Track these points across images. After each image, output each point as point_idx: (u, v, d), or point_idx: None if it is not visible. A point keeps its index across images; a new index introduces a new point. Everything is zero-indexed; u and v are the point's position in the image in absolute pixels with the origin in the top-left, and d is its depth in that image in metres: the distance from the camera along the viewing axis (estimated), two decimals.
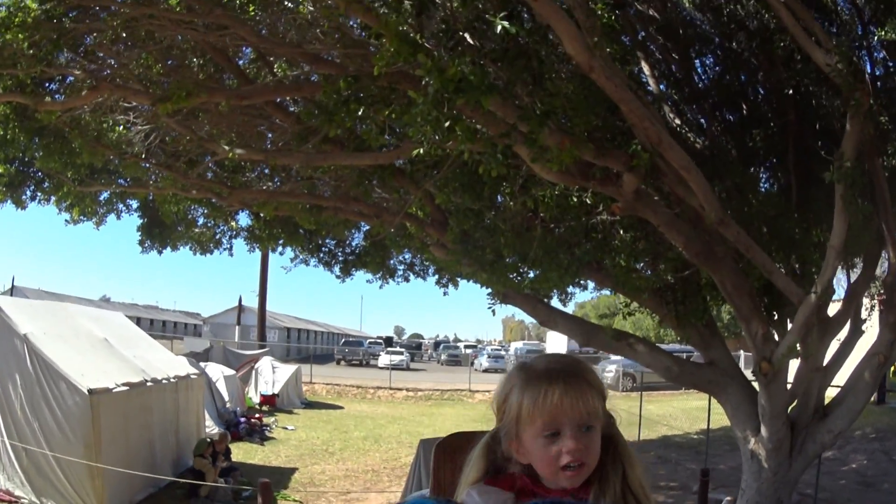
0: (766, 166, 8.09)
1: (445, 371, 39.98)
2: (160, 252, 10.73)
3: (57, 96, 6.59)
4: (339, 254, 12.59)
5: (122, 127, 6.85)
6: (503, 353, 47.86)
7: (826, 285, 5.79)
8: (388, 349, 45.75)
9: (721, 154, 7.23)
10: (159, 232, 10.37)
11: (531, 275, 7.30)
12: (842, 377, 7.33)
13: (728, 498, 9.22)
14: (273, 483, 11.30)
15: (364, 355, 44.49)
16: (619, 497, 1.37)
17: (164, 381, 10.41)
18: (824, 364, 7.16)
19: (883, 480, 10.24)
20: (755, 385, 7.35)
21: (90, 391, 7.88)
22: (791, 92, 7.12)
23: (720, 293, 7.04)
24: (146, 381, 9.73)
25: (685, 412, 20.04)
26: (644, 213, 6.15)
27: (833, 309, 7.05)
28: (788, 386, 7.10)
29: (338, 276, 12.96)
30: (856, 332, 7.38)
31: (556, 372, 1.34)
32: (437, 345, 65.44)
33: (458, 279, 11.48)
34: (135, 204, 10.19)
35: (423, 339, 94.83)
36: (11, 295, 30.98)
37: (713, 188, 5.95)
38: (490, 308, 8.72)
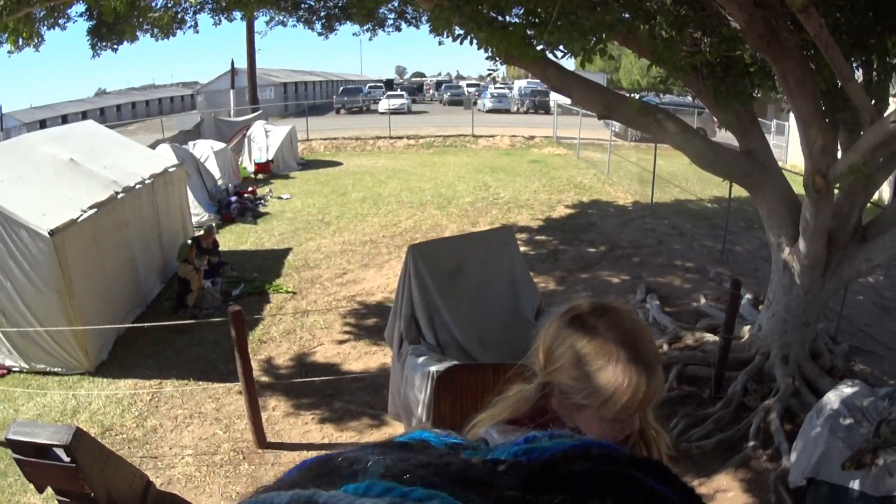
0: None
1: (448, 113, 38.76)
2: (115, 50, 9.67)
3: None
4: (321, 8, 11.78)
5: None
6: (507, 92, 46.34)
7: None
8: (389, 93, 44.16)
9: None
10: (108, 30, 9.20)
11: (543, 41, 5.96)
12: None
13: (749, 296, 8.68)
14: (264, 271, 11.00)
15: (364, 101, 43.52)
16: (638, 438, 1.40)
17: (137, 187, 9.52)
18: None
19: None
20: (793, 185, 6.41)
21: (52, 232, 7.06)
22: None
23: (769, 80, 5.76)
24: (117, 193, 8.84)
25: (698, 173, 18.88)
26: None
27: None
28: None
29: (320, 34, 12.33)
30: None
31: (649, 364, 1.26)
32: (438, 85, 63.14)
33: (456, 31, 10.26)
34: (79, 9, 8.92)
35: (425, 78, 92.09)
36: (1, 124, 29.13)
37: None
38: (490, 73, 7.52)
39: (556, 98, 33.78)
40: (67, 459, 4.11)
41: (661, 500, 0.57)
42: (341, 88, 50.75)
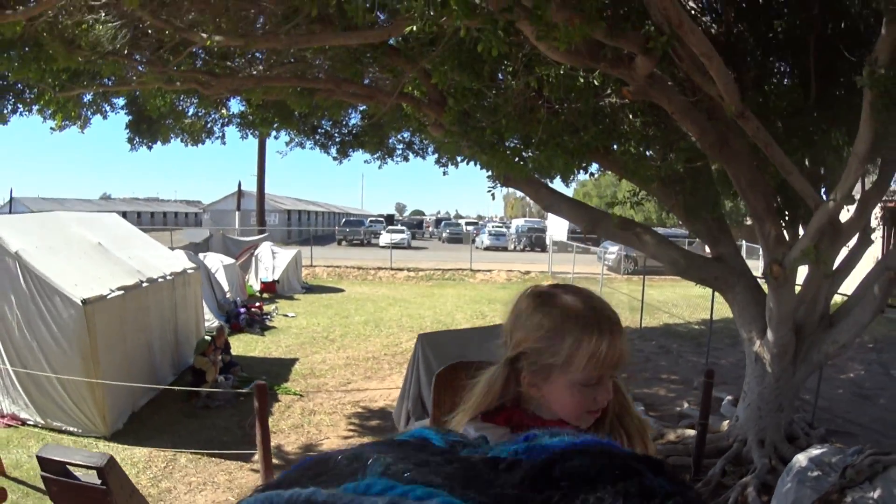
0: (785, 59, 7.43)
1: (447, 249, 40.08)
2: (150, 147, 10.49)
3: (20, 8, 6.03)
4: (336, 135, 12.44)
5: (95, 25, 6.28)
6: (504, 230, 47.97)
7: (846, 193, 5.35)
8: (389, 227, 45.72)
9: (739, 43, 6.59)
10: (147, 127, 10.06)
11: (534, 158, 6.89)
12: (847, 286, 7.06)
13: (729, 397, 9.20)
14: (273, 376, 11.42)
15: (365, 234, 44.59)
16: (617, 426, 1.42)
17: (160, 280, 10.22)
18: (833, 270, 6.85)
19: (879, 395, 10.23)
20: (762, 285, 7.13)
21: (84, 301, 7.70)
22: None
23: (732, 187, 6.62)
24: (141, 281, 9.53)
25: (686, 299, 20.16)
26: (657, 98, 5.69)
27: (843, 217, 6.66)
28: (797, 291, 6.82)
29: (335, 158, 12.96)
30: (865, 241, 7.01)
31: (613, 321, 1.33)
32: (438, 222, 65.35)
33: (459, 159, 11.18)
34: (120, 102, 9.84)
35: (424, 216, 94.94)
36: (10, 207, 30.57)
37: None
38: (490, 191, 8.43)
39: (551, 234, 35.18)
40: (97, 482, 4.48)
41: (660, 493, 0.57)
42: (343, 220, 52.27)
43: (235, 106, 10.77)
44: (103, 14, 6.28)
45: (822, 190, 5.70)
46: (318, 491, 0.50)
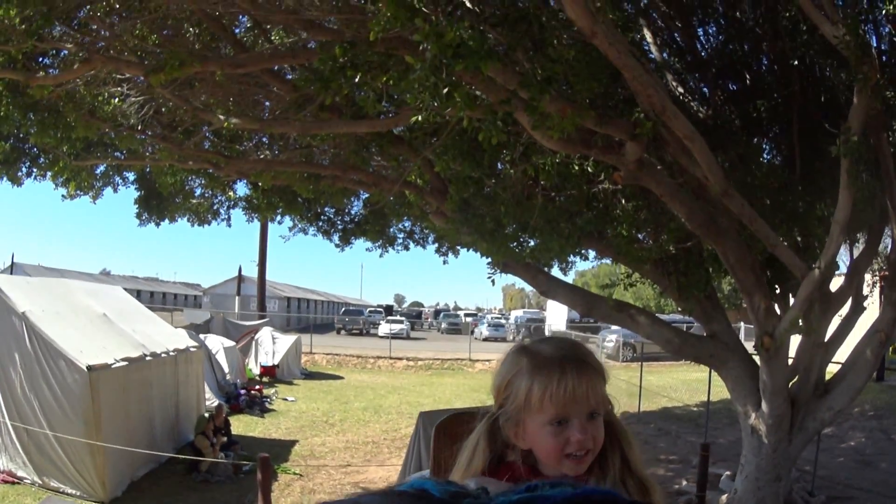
0: (770, 137, 7.96)
1: (446, 340, 40.04)
2: (158, 224, 10.72)
3: (50, 70, 6.49)
4: (339, 222, 12.63)
5: (116, 99, 6.74)
6: (503, 321, 48.04)
7: (830, 261, 5.71)
8: (389, 318, 45.74)
9: (724, 124, 7.11)
10: (157, 204, 10.33)
11: (532, 244, 7.27)
12: (842, 354, 7.28)
13: (727, 472, 9.27)
14: (273, 456, 11.36)
15: (364, 324, 44.47)
16: (619, 479, 1.38)
17: (163, 355, 10.39)
18: (826, 340, 7.12)
19: (881, 459, 10.27)
20: (756, 359, 7.33)
21: (89, 368, 7.86)
22: (796, 63, 6.96)
23: (723, 265, 6.98)
24: (145, 355, 9.71)
25: (685, 384, 20.12)
26: (646, 182, 6.08)
27: (835, 285, 6.99)
28: (790, 361, 7.06)
29: (337, 245, 12.93)
30: (857, 309, 7.33)
31: (568, 359, 1.32)
32: (437, 313, 65.53)
33: (458, 248, 11.47)
34: (131, 176, 10.19)
35: (423, 307, 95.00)
36: (11, 272, 30.85)
37: (717, 158, 5.85)
38: (490, 278, 8.76)
39: (550, 324, 35.32)
40: None
41: None
42: (343, 309, 52.24)
43: (241, 189, 11.06)
44: (125, 88, 6.71)
45: (817, 264, 6.03)
46: None
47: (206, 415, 10.36)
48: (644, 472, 1.42)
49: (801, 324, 5.91)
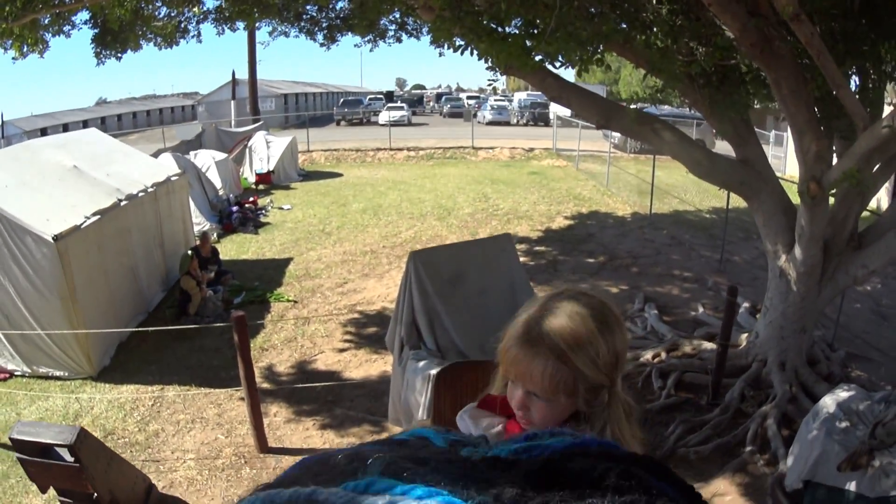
0: None
1: (448, 125, 38.97)
2: (119, 58, 9.71)
3: None
4: (322, 20, 11.76)
5: None
6: (507, 104, 46.52)
7: None
8: (389, 105, 44.37)
9: None
10: (112, 38, 9.25)
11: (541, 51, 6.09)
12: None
13: (746, 304, 8.76)
14: (266, 281, 11.06)
15: (364, 113, 43.72)
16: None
17: (140, 195, 9.61)
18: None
19: None
20: (789, 194, 6.48)
21: (56, 238, 7.13)
22: None
23: (764, 89, 5.84)
24: (120, 200, 8.93)
25: (696, 184, 19.06)
26: None
27: None
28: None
29: (322, 44, 12.27)
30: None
31: (528, 335, 1.29)
32: (439, 97, 63.50)
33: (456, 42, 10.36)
34: (84, 16, 9.01)
35: (425, 90, 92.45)
36: (3, 131, 29.19)
37: None
38: (490, 84, 7.62)
39: (555, 109, 33.94)
40: (71, 459, 4.15)
41: (661, 496, 0.56)
42: (342, 100, 50.89)
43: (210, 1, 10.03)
44: None
45: (886, 122, 4.96)
46: (318, 490, 0.49)
47: (189, 252, 9.71)
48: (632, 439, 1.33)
49: (854, 177, 4.90)
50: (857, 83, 5.99)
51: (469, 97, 59.08)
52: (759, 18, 4.81)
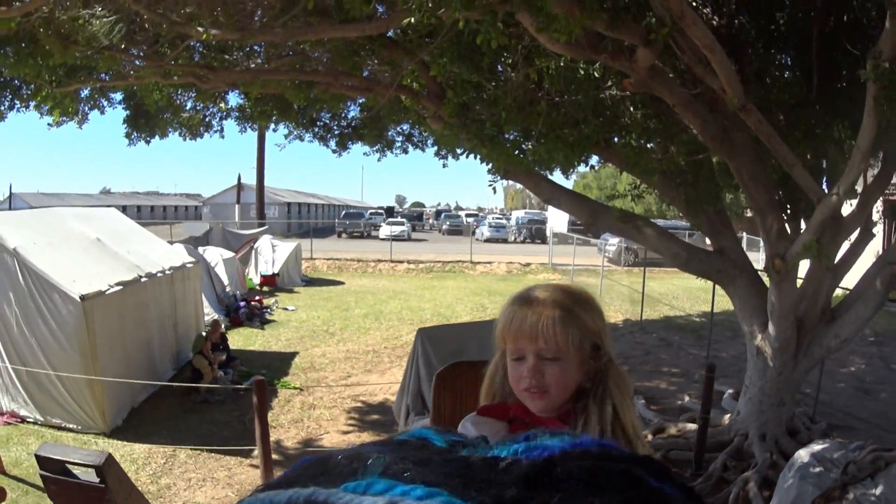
0: (787, 52, 7.36)
1: (447, 241, 40.06)
2: (148, 142, 10.39)
3: (15, 3, 5.96)
4: (335, 127, 12.38)
5: (93, 20, 6.22)
6: (504, 221, 47.97)
7: (849, 187, 5.31)
8: (389, 220, 45.71)
9: (741, 35, 6.53)
10: (145, 122, 9.96)
11: (534, 150, 6.85)
12: (849, 281, 7.01)
13: (730, 390, 9.17)
14: (273, 370, 11.40)
15: (365, 227, 44.77)
16: (609, 433, 1.37)
17: (158, 275, 10.18)
18: (833, 264, 6.80)
19: (880, 389, 10.23)
20: (764, 278, 7.08)
21: (82, 297, 7.66)
22: None
23: (733, 179, 6.57)
24: (140, 276, 9.50)
25: (687, 291, 20.14)
26: (658, 91, 5.65)
27: (845, 210, 6.61)
28: (798, 284, 6.77)
29: (334, 151, 12.82)
30: (866, 235, 6.95)
31: (529, 299, 1.38)
32: (438, 214, 65.44)
33: (458, 151, 11.12)
34: (118, 97, 9.78)
35: (424, 207, 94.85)
36: (10, 202, 30.43)
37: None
38: (491, 185, 8.42)
39: (552, 226, 35.13)
40: (96, 480, 4.46)
41: (662, 497, 0.56)
42: (343, 212, 52.32)
43: (234, 99, 10.72)
44: (99, 9, 6.23)
45: (824, 183, 5.65)
46: (317, 491, 0.50)
47: (203, 333, 10.18)
48: (633, 426, 1.40)
49: (813, 248, 5.53)
50: (814, 163, 6.73)
51: (468, 215, 60.78)
52: (718, 113, 5.58)
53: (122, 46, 6.81)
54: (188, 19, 6.59)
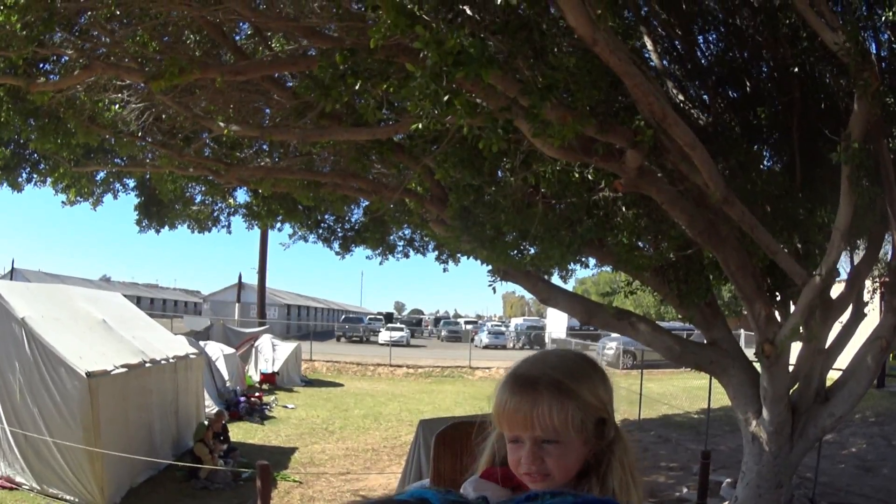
0: (770, 144, 7.94)
1: (446, 347, 40.14)
2: (158, 231, 10.68)
3: (51, 77, 6.49)
4: (339, 230, 12.57)
5: (116, 106, 6.75)
6: (503, 329, 48.07)
7: (831, 268, 5.69)
8: (389, 325, 45.86)
9: (724, 131, 7.11)
10: (157, 211, 10.33)
11: (532, 252, 7.25)
12: (843, 360, 7.25)
13: (728, 480, 9.23)
14: (273, 463, 11.30)
15: (364, 332, 44.73)
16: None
17: (163, 362, 10.39)
18: (826, 347, 7.09)
19: (882, 465, 10.27)
20: (757, 366, 7.29)
21: (88, 374, 7.86)
22: (796, 70, 6.92)
23: (723, 272, 6.95)
24: (145, 362, 9.71)
25: (686, 391, 20.15)
26: (647, 190, 6.07)
27: (835, 291, 6.96)
28: (790, 368, 7.04)
29: (337, 253, 12.92)
30: (858, 316, 7.30)
31: (521, 381, 1.30)
32: (437, 321, 65.62)
33: (458, 255, 11.46)
34: (132, 183, 10.17)
35: (423, 314, 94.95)
36: (11, 278, 30.84)
37: (717, 166, 5.85)
38: (490, 286, 8.72)
39: (550, 332, 35.30)
40: None
41: None
42: (343, 317, 52.33)
43: (241, 196, 11.05)
44: (125, 94, 6.72)
45: (818, 271, 6.00)
46: None
47: (205, 422, 10.31)
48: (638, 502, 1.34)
49: (801, 331, 5.88)
50: (801, 249, 7.11)
51: (466, 322, 60.85)
52: (704, 208, 6.06)
53: (140, 134, 7.23)
54: (205, 114, 7.12)
